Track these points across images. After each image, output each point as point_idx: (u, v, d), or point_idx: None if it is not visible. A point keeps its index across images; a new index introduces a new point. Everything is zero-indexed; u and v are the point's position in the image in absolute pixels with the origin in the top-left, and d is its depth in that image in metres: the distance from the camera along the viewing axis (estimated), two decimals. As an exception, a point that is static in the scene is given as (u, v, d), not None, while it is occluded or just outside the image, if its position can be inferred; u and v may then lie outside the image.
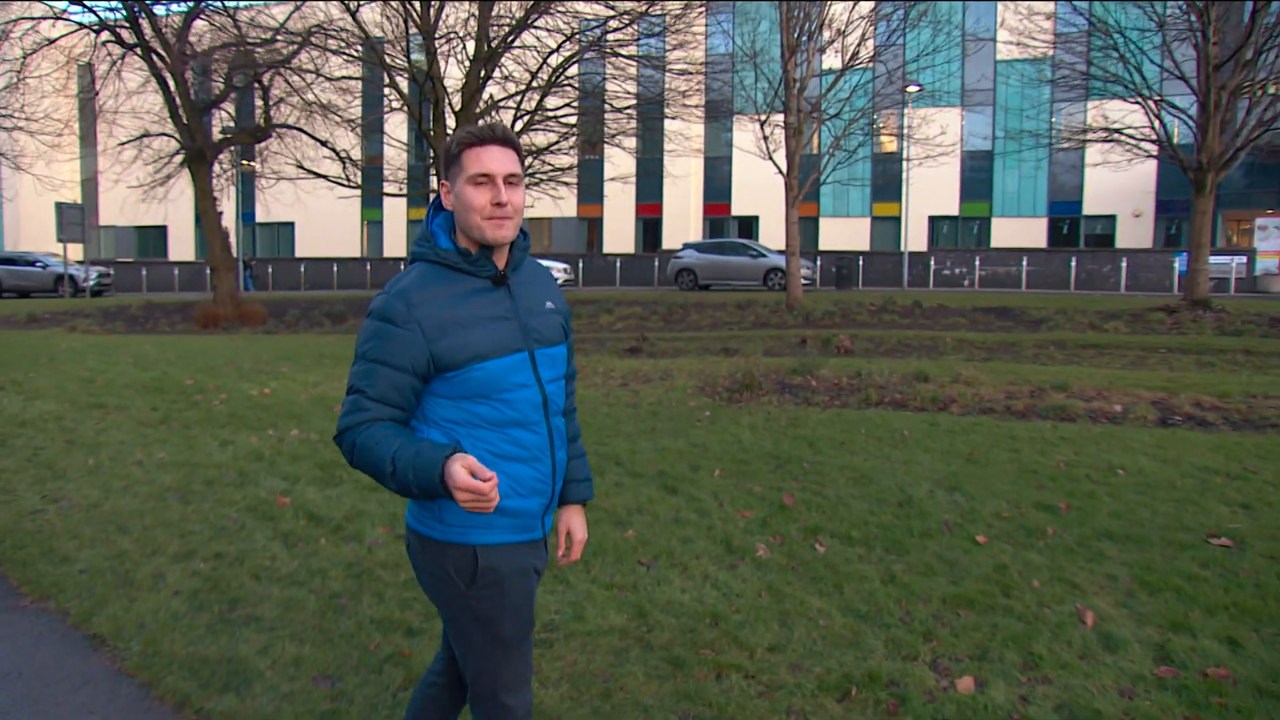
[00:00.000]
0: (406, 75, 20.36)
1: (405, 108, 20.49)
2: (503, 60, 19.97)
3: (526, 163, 20.53)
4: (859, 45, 22.22)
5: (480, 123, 2.14)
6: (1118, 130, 20.12)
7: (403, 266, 38.93)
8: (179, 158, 21.01)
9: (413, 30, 19.37)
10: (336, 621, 3.76)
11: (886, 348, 13.87)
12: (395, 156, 25.57)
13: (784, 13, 21.92)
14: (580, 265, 36.66)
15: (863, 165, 36.01)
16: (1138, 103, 19.43)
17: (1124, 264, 31.26)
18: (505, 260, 2.00)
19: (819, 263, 33.57)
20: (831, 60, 24.08)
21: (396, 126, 30.03)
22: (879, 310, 19.80)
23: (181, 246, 49.87)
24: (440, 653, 2.25)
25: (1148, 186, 36.56)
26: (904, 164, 32.63)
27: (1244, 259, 30.67)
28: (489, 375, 1.90)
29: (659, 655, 3.44)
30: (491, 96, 20.61)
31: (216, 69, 21.29)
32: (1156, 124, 19.52)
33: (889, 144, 38.40)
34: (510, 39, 19.27)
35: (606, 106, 21.71)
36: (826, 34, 22.79)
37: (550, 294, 2.11)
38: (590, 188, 39.73)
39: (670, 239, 42.01)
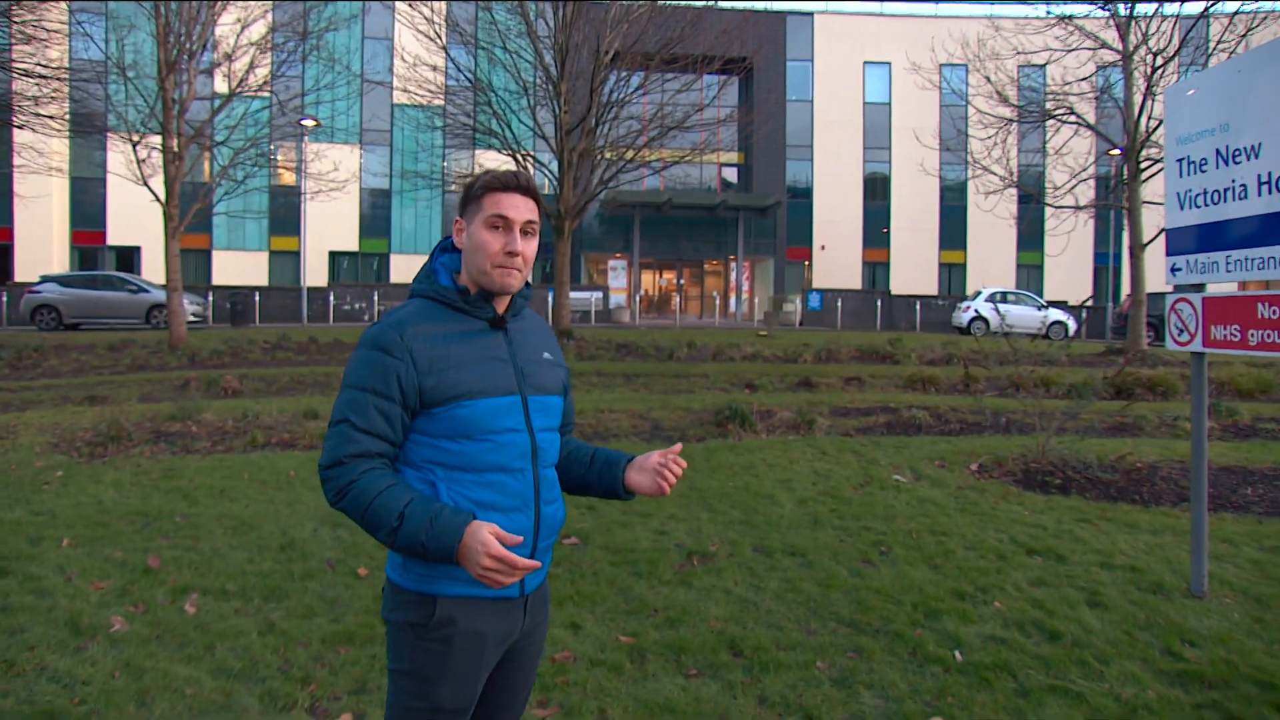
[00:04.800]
0: None
1: None
2: None
3: None
4: (248, 72, 21.35)
5: (503, 168, 2.00)
6: (494, 179, 22.29)
7: None
8: None
9: None
10: None
11: (279, 386, 13.45)
12: None
13: (160, 25, 20.13)
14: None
15: (259, 197, 34.60)
16: (511, 155, 21.78)
17: (508, 299, 34.62)
18: (505, 306, 1.99)
19: (211, 298, 31.15)
20: (221, 84, 22.71)
21: None
22: (273, 348, 19.06)
23: None
24: None
25: (525, 230, 41.12)
26: (302, 198, 32.05)
27: (601, 294, 36.21)
28: (475, 414, 1.84)
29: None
30: None
31: None
32: (526, 176, 22.07)
33: (287, 176, 37.39)
34: None
35: (-83, 103, 17.54)
36: (213, 55, 21.50)
37: (549, 346, 2.09)
38: (-93, 204, 31.91)
39: (26, 270, 35.45)
